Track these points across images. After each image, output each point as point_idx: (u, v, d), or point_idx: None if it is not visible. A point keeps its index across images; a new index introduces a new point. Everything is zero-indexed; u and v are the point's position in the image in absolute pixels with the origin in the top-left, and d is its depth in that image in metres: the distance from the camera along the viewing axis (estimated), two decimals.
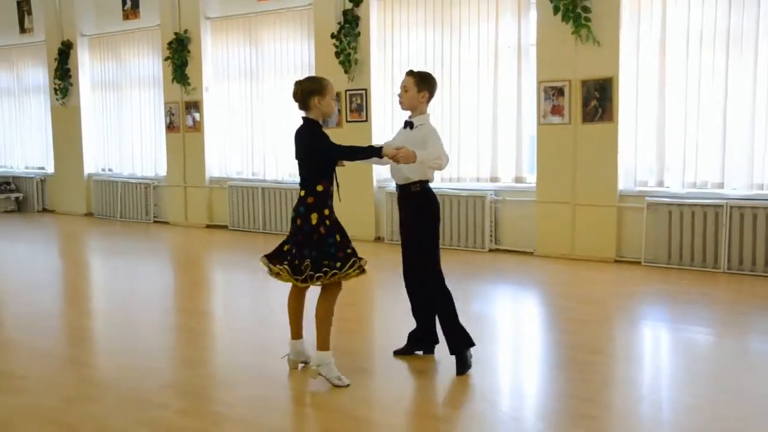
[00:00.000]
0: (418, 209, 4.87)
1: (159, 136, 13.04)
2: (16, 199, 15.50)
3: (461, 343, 4.79)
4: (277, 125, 11.37)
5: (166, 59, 12.33)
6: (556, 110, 8.79)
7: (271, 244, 11.22)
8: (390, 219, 10.11)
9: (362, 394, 4.49)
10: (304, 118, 4.66)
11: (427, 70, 5.13)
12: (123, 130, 13.75)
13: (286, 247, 4.62)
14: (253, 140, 11.86)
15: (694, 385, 4.65)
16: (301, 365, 4.86)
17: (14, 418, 4.18)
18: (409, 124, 4.92)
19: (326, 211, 4.53)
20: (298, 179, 4.68)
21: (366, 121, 10.31)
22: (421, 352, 5.13)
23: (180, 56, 12.13)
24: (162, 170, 13.09)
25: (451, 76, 9.73)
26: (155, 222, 13.18)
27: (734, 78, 7.87)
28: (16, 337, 6.02)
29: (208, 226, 12.40)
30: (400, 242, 5.10)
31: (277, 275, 4.64)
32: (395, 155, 4.49)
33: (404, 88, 4.88)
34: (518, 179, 9.38)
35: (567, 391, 4.53)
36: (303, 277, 4.44)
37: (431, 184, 4.93)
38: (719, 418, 4.05)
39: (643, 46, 8.39)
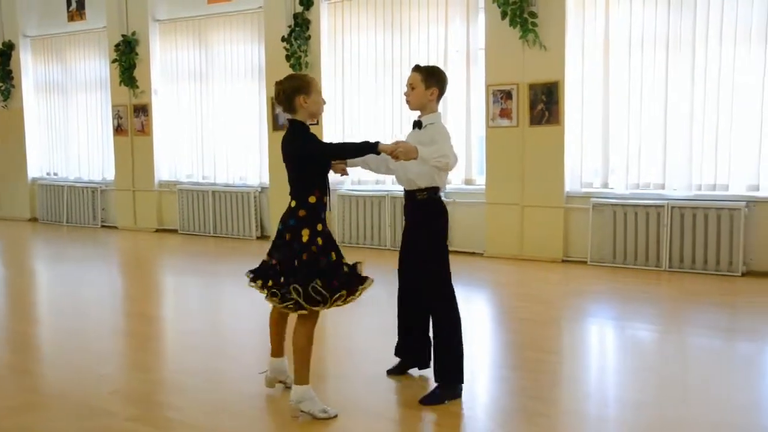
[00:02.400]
0: (423, 220, 4.37)
1: (106, 139, 12.81)
2: None
3: (455, 376, 4.34)
4: (228, 128, 11.28)
5: (113, 61, 12.12)
6: (505, 113, 8.89)
7: (222, 248, 11.07)
8: (347, 222, 10.12)
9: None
10: (289, 120, 4.14)
11: (434, 66, 4.55)
12: (69, 134, 13.47)
13: (273, 262, 4.12)
14: (203, 143, 11.72)
15: (639, 381, 4.74)
16: (278, 384, 4.51)
17: None
18: (417, 124, 4.44)
19: (319, 226, 4.04)
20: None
21: (316, 123, 10.23)
22: (416, 368, 4.76)
23: (128, 58, 11.94)
24: (110, 174, 12.85)
25: (401, 79, 9.74)
26: (103, 227, 12.93)
27: (674, 83, 8.07)
28: None
29: (157, 230, 12.21)
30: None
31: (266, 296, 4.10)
32: (393, 150, 3.97)
33: (410, 86, 4.39)
34: (468, 181, 9.45)
35: (517, 389, 4.57)
36: (288, 306, 3.96)
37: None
38: (664, 413, 4.13)
39: (588, 51, 8.54)
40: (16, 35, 13.61)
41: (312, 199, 4.04)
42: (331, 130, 10.19)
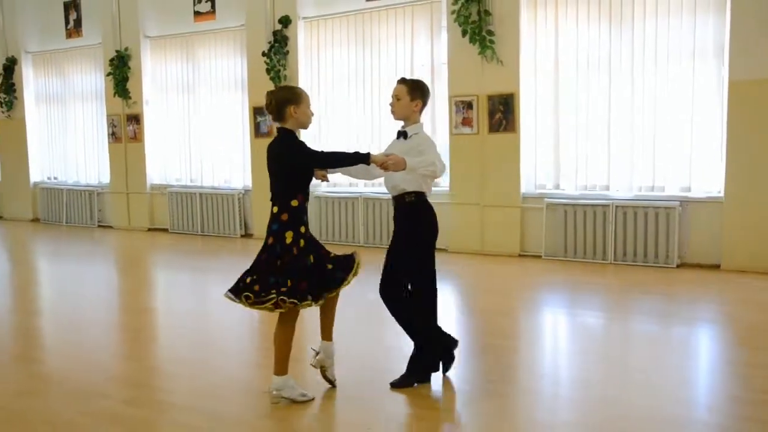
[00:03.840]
0: (413, 222, 4.21)
1: (102, 146, 12.65)
2: None
3: (424, 366, 4.27)
4: (213, 135, 11.20)
5: (108, 75, 11.96)
6: (466, 122, 8.91)
7: (210, 246, 10.94)
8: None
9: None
10: (279, 128, 4.00)
11: (422, 79, 4.46)
12: (68, 141, 13.31)
13: (248, 279, 3.89)
14: (190, 149, 11.62)
15: (587, 363, 4.78)
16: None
17: None
18: (402, 134, 4.28)
19: (302, 228, 3.89)
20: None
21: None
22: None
23: (121, 72, 11.79)
24: (105, 178, 12.69)
25: (372, 91, 9.75)
26: (99, 226, 12.75)
27: (616, 96, 8.14)
28: None
29: (149, 230, 12.07)
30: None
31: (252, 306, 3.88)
32: (384, 162, 3.90)
33: (396, 97, 4.24)
34: (434, 183, 9.43)
35: (479, 372, 4.59)
36: (266, 306, 3.79)
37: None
38: (608, 390, 4.17)
39: (540, 66, 8.59)
40: (18, 51, 13.40)
41: (294, 203, 3.88)
42: (307, 136, 10.12)
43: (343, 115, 9.98)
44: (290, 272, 3.82)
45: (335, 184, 9.92)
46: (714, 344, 5.38)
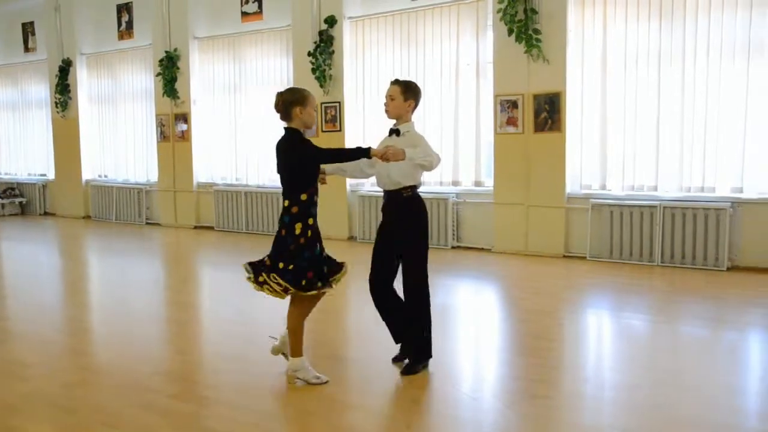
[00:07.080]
0: (411, 215, 4.40)
1: (151, 145, 12.92)
2: (20, 203, 15.27)
3: (424, 352, 4.50)
4: (259, 134, 11.33)
5: (157, 75, 12.22)
6: (511, 121, 8.85)
7: (255, 243, 11.11)
8: (362, 220, 10.15)
9: (337, 378, 4.46)
10: (285, 128, 4.26)
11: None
12: (118, 140, 13.63)
13: (267, 261, 4.24)
14: (236, 148, 11.79)
15: (633, 366, 4.70)
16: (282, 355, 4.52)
17: (20, 402, 4.09)
18: (395, 132, 4.48)
19: (310, 221, 4.16)
20: (278, 183, 4.37)
21: (340, 130, 10.29)
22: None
23: (170, 72, 12.02)
24: (154, 176, 12.95)
25: None
26: (147, 224, 13.03)
27: (665, 94, 8.00)
28: (21, 328, 5.91)
29: (195, 227, 12.29)
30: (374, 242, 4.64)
31: (261, 287, 4.20)
32: (384, 153, 4.08)
33: (390, 97, 4.44)
34: (477, 183, 9.42)
35: (521, 374, 4.55)
36: (273, 289, 4.12)
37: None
38: (655, 395, 4.09)
39: (587, 64, 8.48)
40: (74, 53, 13.79)
41: (304, 197, 4.15)
42: (353, 135, 10.20)
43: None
44: (298, 260, 4.11)
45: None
46: (766, 351, 5.22)
